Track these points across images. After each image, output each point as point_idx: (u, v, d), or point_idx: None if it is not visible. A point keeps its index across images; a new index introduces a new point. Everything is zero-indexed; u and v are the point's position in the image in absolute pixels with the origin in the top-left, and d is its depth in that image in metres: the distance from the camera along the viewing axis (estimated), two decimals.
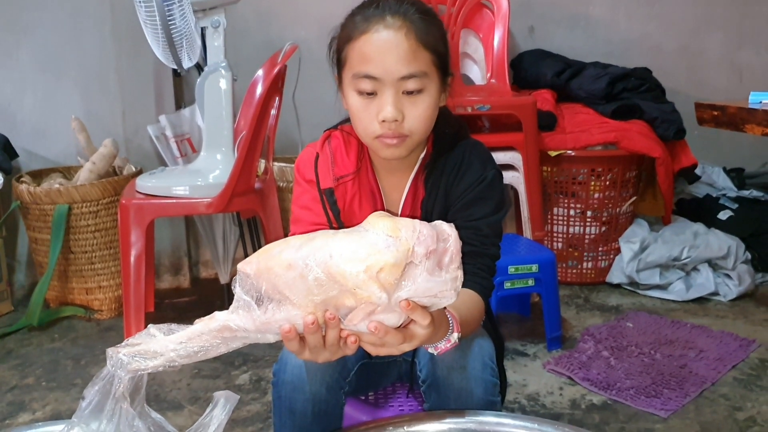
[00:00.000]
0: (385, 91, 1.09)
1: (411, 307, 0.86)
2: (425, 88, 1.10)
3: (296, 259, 0.86)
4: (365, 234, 0.88)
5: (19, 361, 2.29)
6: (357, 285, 0.85)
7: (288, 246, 0.89)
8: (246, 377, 2.15)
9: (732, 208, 2.98)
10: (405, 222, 0.88)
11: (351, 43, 1.11)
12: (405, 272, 0.85)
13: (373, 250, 0.85)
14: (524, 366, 2.20)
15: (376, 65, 1.08)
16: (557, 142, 2.71)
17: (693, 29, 3.27)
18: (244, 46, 2.79)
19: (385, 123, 1.09)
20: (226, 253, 2.85)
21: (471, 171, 1.20)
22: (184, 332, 0.91)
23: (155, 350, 0.91)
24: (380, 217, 0.90)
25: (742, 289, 2.70)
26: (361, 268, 0.84)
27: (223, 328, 0.90)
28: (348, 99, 1.14)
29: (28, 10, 2.75)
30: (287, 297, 0.87)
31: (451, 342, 0.99)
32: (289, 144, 2.84)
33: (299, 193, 1.25)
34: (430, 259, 0.86)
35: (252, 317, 0.89)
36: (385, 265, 0.84)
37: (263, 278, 0.87)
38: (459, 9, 2.89)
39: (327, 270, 0.85)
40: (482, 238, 1.18)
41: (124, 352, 0.92)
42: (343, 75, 1.15)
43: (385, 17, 1.09)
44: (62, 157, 2.85)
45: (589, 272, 2.87)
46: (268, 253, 0.89)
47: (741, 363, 2.20)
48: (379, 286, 0.85)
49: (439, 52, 1.12)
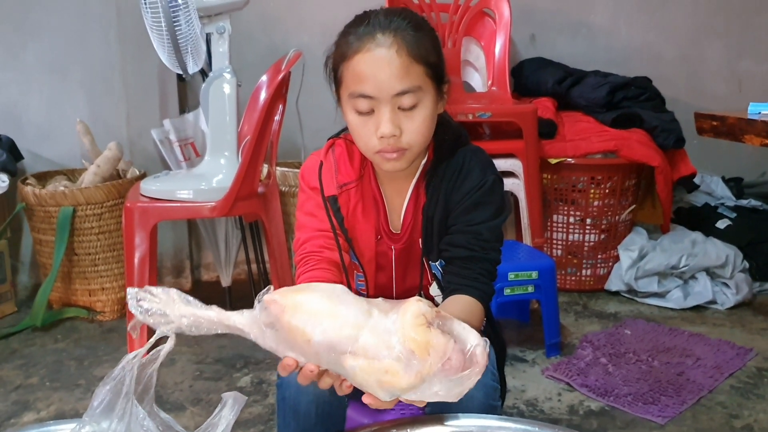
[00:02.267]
0: (381, 108, 1.11)
1: (408, 401, 0.89)
2: (420, 101, 1.12)
3: (318, 339, 0.87)
4: (393, 343, 0.85)
5: (23, 361, 2.31)
6: (363, 385, 0.87)
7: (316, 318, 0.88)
8: (248, 379, 2.17)
9: (730, 217, 3.00)
10: (438, 343, 0.85)
11: (345, 63, 1.13)
12: (416, 388, 0.86)
13: (392, 368, 0.85)
14: (523, 372, 2.22)
15: (371, 84, 1.10)
16: (557, 150, 2.74)
17: (693, 38, 3.30)
18: (249, 51, 2.81)
19: (384, 139, 1.11)
20: (228, 257, 2.87)
21: (471, 176, 1.21)
22: (200, 311, 0.93)
23: (169, 315, 0.93)
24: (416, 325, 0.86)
25: (739, 297, 2.72)
26: (374, 380, 0.86)
27: (235, 329, 0.93)
28: (347, 116, 1.17)
29: (34, 12, 2.78)
30: (298, 354, 0.91)
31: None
32: (292, 149, 2.86)
33: (304, 200, 1.27)
34: (447, 375, 0.85)
35: (264, 341, 0.92)
36: (397, 386, 0.85)
37: (282, 329, 0.90)
38: (461, 17, 2.92)
39: (342, 364, 0.87)
40: (482, 243, 1.19)
41: (143, 301, 0.93)
42: (340, 93, 1.17)
43: (375, 35, 1.10)
44: (67, 159, 2.88)
45: (588, 279, 2.90)
46: (296, 308, 0.89)
47: (738, 371, 2.21)
48: (387, 395, 0.87)
49: (431, 63, 1.13)
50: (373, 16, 1.14)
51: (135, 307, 0.93)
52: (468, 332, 0.89)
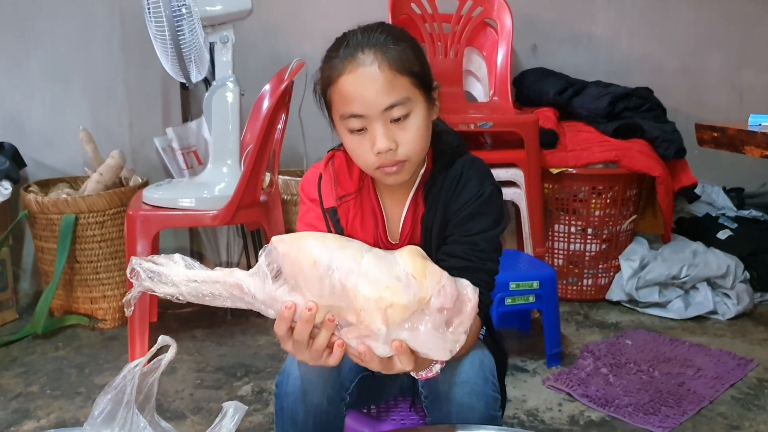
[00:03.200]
0: (373, 124, 1.11)
1: (402, 349, 0.91)
2: (411, 111, 1.13)
3: (322, 261, 0.91)
4: (394, 264, 0.92)
5: (24, 368, 2.31)
6: (363, 308, 0.89)
7: (323, 243, 0.94)
8: (248, 388, 2.17)
9: (731, 228, 3.00)
10: (433, 270, 0.92)
11: (331, 87, 1.14)
12: (412, 316, 0.89)
13: (393, 285, 0.89)
14: (524, 382, 2.22)
15: (358, 103, 1.11)
16: (559, 160, 2.74)
17: (694, 49, 3.31)
18: (252, 60, 2.82)
19: (381, 154, 1.12)
20: (229, 265, 2.88)
21: (469, 186, 1.22)
22: (202, 273, 0.96)
23: (171, 278, 0.95)
24: (414, 255, 0.94)
25: (740, 308, 2.72)
26: (374, 296, 0.88)
27: (236, 285, 0.95)
28: (343, 139, 1.17)
29: (39, 20, 2.79)
30: (300, 288, 0.93)
31: (433, 372, 1.04)
32: (294, 157, 2.87)
33: (304, 212, 1.28)
34: (441, 314, 0.89)
35: (264, 288, 0.94)
36: (396, 304, 0.88)
37: (287, 263, 0.93)
38: (463, 27, 2.93)
39: (344, 283, 0.89)
40: (479, 253, 1.19)
41: (145, 266, 0.96)
42: (332, 116, 1.18)
43: (356, 55, 1.11)
44: (69, 167, 2.89)
45: (589, 289, 2.90)
46: (302, 241, 0.95)
47: (739, 382, 2.21)
48: (383, 320, 0.89)
49: (415, 72, 1.14)
50: (351, 37, 1.14)
51: (137, 267, 0.95)
52: (459, 278, 0.95)
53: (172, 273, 0.95)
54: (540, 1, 3.17)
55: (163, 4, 2.04)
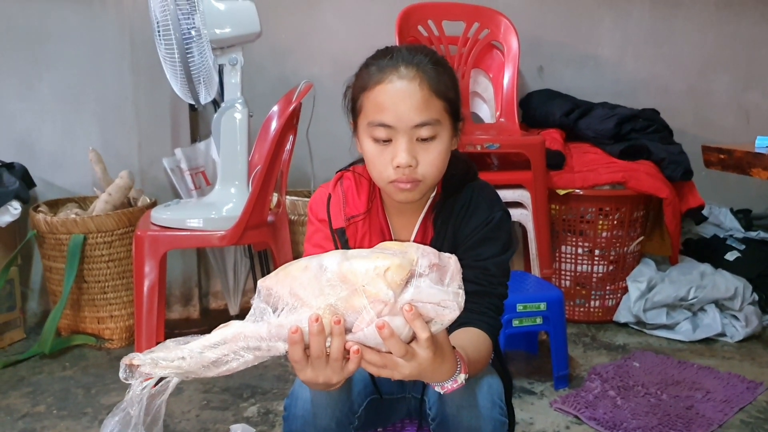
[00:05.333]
0: (399, 138, 1.13)
1: (413, 312, 0.89)
2: (438, 134, 1.15)
3: (311, 263, 0.93)
4: (375, 251, 0.95)
5: (31, 388, 2.31)
6: (366, 282, 0.90)
7: (306, 257, 0.98)
8: (254, 409, 2.16)
9: (739, 249, 2.99)
10: (411, 244, 0.96)
11: (366, 93, 1.16)
12: (410, 279, 0.91)
13: (382, 255, 0.92)
14: (531, 404, 2.21)
15: (391, 114, 1.12)
16: (565, 181, 2.75)
17: (700, 71, 3.32)
18: (260, 82, 2.85)
19: (399, 168, 1.13)
20: (236, 285, 2.88)
21: (478, 212, 1.23)
22: (199, 341, 0.96)
23: (172, 357, 0.95)
24: (389, 243, 0.99)
25: (749, 330, 2.71)
26: (370, 267, 0.90)
27: (239, 335, 0.94)
28: (363, 145, 1.19)
29: (50, 44, 2.83)
30: (301, 298, 0.93)
31: (458, 382, 1.02)
32: (302, 178, 2.88)
33: (312, 232, 1.29)
34: (434, 272, 0.92)
35: (266, 323, 0.94)
36: (392, 265, 0.90)
37: (280, 286, 0.94)
38: (470, 50, 2.95)
39: (339, 271, 0.91)
40: (490, 278, 1.20)
41: (142, 357, 0.95)
42: (358, 122, 1.20)
43: (398, 67, 1.13)
44: (79, 187, 2.91)
45: (597, 311, 2.89)
46: (287, 266, 0.96)
47: (748, 405, 2.19)
48: (386, 284, 0.90)
49: (450, 99, 1.16)
50: (396, 51, 1.17)
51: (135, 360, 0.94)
52: None
53: (169, 355, 0.95)
54: (546, 23, 3.19)
55: (173, 27, 2.06)
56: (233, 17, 2.17)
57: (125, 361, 0.95)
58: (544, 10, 3.18)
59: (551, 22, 3.20)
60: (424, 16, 2.90)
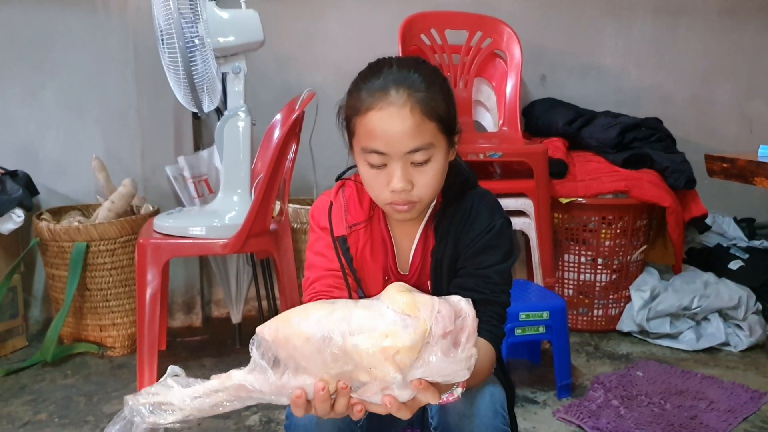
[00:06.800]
0: (393, 163, 1.12)
1: (423, 386, 0.89)
2: (432, 156, 1.13)
3: (315, 333, 0.88)
4: (384, 311, 0.89)
5: (33, 396, 2.31)
6: (373, 365, 0.87)
7: (308, 316, 0.90)
8: (256, 418, 2.16)
9: (743, 258, 2.98)
10: (424, 300, 0.90)
11: (358, 117, 1.13)
12: (420, 352, 0.87)
13: (391, 330, 0.86)
14: (534, 414, 2.20)
15: (383, 141, 1.10)
16: (568, 190, 2.74)
17: (703, 79, 3.32)
18: (263, 90, 2.85)
19: (395, 192, 1.12)
20: (239, 293, 2.88)
21: (480, 220, 1.22)
22: (200, 386, 0.94)
23: (173, 403, 0.93)
24: (399, 292, 0.91)
25: (753, 340, 2.70)
26: (378, 350, 0.86)
27: (239, 387, 0.92)
28: (360, 168, 1.18)
29: (54, 52, 2.84)
30: (303, 367, 0.90)
31: (454, 396, 1.02)
32: (304, 186, 2.88)
33: (314, 240, 1.28)
34: (447, 339, 0.88)
35: (268, 381, 0.91)
36: (402, 348, 0.86)
37: (281, 347, 0.90)
38: (472, 58, 2.96)
39: (344, 347, 0.87)
40: (492, 286, 1.20)
41: (142, 401, 0.93)
42: (353, 143, 1.18)
43: (389, 92, 1.10)
44: (82, 195, 2.91)
45: (600, 320, 2.88)
46: (287, 321, 0.91)
47: (752, 415, 2.18)
48: (395, 368, 0.87)
49: (443, 118, 1.14)
50: (386, 69, 1.13)
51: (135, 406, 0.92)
52: (448, 296, 0.93)
53: (171, 399, 0.93)
54: (549, 32, 3.20)
55: (176, 35, 2.07)
56: (237, 26, 2.18)
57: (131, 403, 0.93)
58: (547, 19, 3.19)
59: (554, 31, 3.20)
60: (427, 25, 2.91)
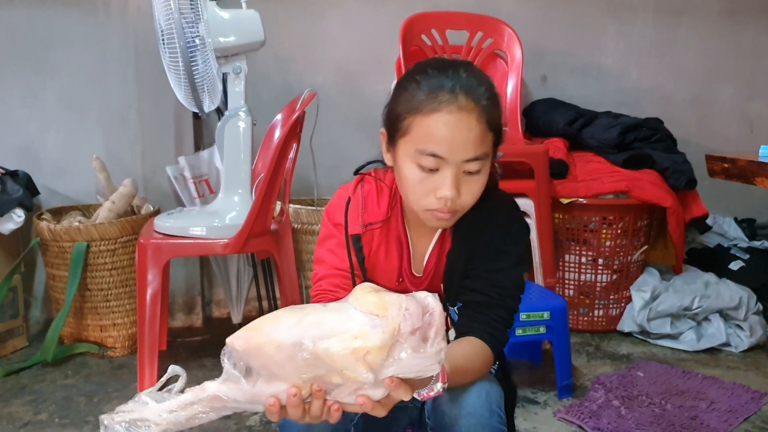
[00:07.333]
0: (447, 170, 1.09)
1: (395, 384, 0.90)
2: (483, 167, 1.12)
3: (286, 340, 0.89)
4: (353, 313, 0.90)
5: (33, 396, 2.30)
6: (345, 367, 0.88)
7: (278, 324, 0.91)
8: (257, 418, 2.16)
9: (743, 259, 2.98)
10: (391, 299, 0.91)
11: (418, 117, 1.09)
12: (391, 351, 0.88)
13: (361, 332, 0.88)
14: (534, 414, 2.20)
15: (444, 146, 1.07)
16: (569, 190, 2.74)
17: (704, 80, 3.32)
18: (264, 90, 2.86)
19: (442, 200, 1.10)
20: (239, 293, 2.88)
21: (497, 224, 1.21)
22: (175, 401, 0.94)
23: (148, 419, 0.93)
24: (367, 292, 0.93)
25: (753, 340, 2.70)
26: (349, 351, 0.87)
27: (213, 398, 0.93)
28: (403, 167, 1.13)
29: (54, 52, 2.84)
30: (276, 375, 0.91)
31: (434, 391, 1.02)
32: (305, 186, 2.88)
33: (326, 236, 1.26)
34: (416, 335, 0.89)
35: (241, 390, 0.92)
36: (372, 348, 0.87)
37: (252, 356, 0.91)
38: (473, 59, 2.95)
39: (315, 352, 0.88)
40: (500, 290, 1.19)
41: (118, 419, 0.93)
42: (399, 140, 1.13)
43: (457, 97, 1.07)
44: (82, 195, 2.91)
45: (600, 320, 2.88)
46: (258, 330, 0.92)
47: (753, 416, 2.18)
48: (366, 368, 0.88)
49: (498, 130, 1.14)
50: (453, 72, 1.10)
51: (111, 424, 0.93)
52: (415, 293, 0.94)
53: (147, 414, 0.93)
54: (549, 32, 3.20)
55: (177, 35, 2.07)
56: (237, 26, 2.18)
57: (106, 422, 0.93)
58: (548, 19, 3.18)
59: (555, 31, 3.20)
60: (428, 25, 2.91)
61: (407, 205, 1.20)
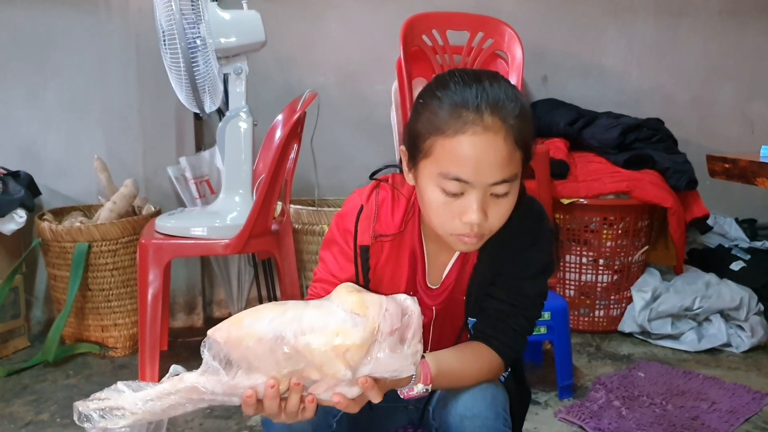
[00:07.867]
0: (473, 194, 1.03)
1: (367, 384, 0.91)
2: (512, 188, 1.05)
3: (267, 333, 0.90)
4: (335, 310, 0.92)
5: (35, 396, 2.31)
6: (324, 362, 0.90)
7: (260, 317, 0.92)
8: (258, 418, 2.16)
9: (744, 259, 2.98)
10: (372, 299, 0.92)
11: (441, 138, 1.02)
12: (369, 349, 0.90)
13: (342, 329, 0.89)
14: (535, 414, 2.20)
15: (470, 170, 1.01)
16: (570, 191, 2.74)
17: (704, 80, 3.32)
18: (265, 91, 2.86)
19: (468, 224, 1.04)
20: (240, 293, 2.88)
21: (526, 231, 1.16)
22: (152, 390, 0.94)
23: (123, 407, 0.93)
24: (349, 292, 0.94)
25: (754, 340, 2.70)
26: (329, 348, 0.89)
27: (191, 389, 0.93)
28: (426, 190, 1.07)
29: (56, 53, 2.84)
30: (256, 367, 0.91)
31: (415, 391, 1.02)
32: (306, 186, 2.88)
33: (332, 240, 1.21)
34: (394, 335, 0.91)
35: (220, 382, 0.92)
36: (352, 346, 0.89)
37: (233, 348, 0.91)
38: (474, 59, 2.95)
39: (296, 346, 0.89)
40: (522, 298, 1.17)
41: (93, 407, 0.94)
42: (421, 162, 1.07)
43: (483, 116, 1.00)
44: (83, 195, 2.91)
45: (601, 320, 2.88)
46: (239, 323, 0.92)
47: (754, 416, 2.18)
48: (345, 365, 0.90)
49: (528, 148, 1.06)
50: (477, 85, 1.03)
51: (85, 411, 0.93)
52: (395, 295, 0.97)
53: (122, 403, 0.93)
54: (550, 32, 3.20)
55: (178, 36, 2.07)
56: (238, 26, 2.18)
57: (81, 409, 0.94)
58: (549, 19, 3.19)
59: (555, 31, 3.20)
60: (429, 26, 2.91)
61: (438, 233, 1.12)
